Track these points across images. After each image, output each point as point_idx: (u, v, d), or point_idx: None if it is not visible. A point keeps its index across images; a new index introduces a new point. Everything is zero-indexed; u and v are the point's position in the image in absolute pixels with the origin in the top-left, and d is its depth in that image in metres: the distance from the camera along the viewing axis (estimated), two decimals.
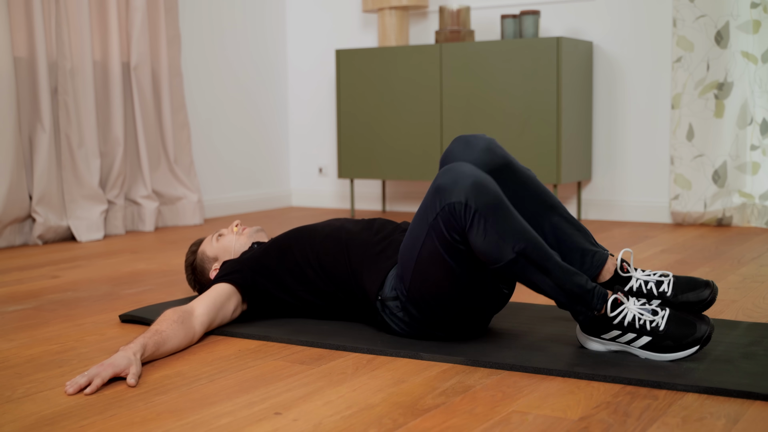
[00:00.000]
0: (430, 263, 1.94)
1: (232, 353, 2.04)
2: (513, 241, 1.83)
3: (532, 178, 2.06)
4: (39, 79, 3.93)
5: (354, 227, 2.24)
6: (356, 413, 1.62)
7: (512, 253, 1.83)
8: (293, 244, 2.24)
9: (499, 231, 1.83)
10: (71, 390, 1.75)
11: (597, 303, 1.88)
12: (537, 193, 2.05)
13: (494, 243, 1.83)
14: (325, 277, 2.19)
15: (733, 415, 1.57)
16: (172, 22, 4.57)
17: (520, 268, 1.85)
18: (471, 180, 1.85)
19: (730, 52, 4.10)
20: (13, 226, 3.89)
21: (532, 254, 1.84)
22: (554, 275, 1.85)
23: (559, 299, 1.89)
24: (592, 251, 2.04)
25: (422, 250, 1.93)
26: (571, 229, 2.05)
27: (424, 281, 1.96)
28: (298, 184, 5.57)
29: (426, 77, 4.53)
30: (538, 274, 1.85)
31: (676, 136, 4.25)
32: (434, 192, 1.89)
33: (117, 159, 4.29)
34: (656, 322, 1.87)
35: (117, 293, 2.81)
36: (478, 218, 1.83)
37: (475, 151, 2.02)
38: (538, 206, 2.05)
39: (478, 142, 2.03)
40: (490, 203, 1.83)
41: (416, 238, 1.94)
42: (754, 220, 4.17)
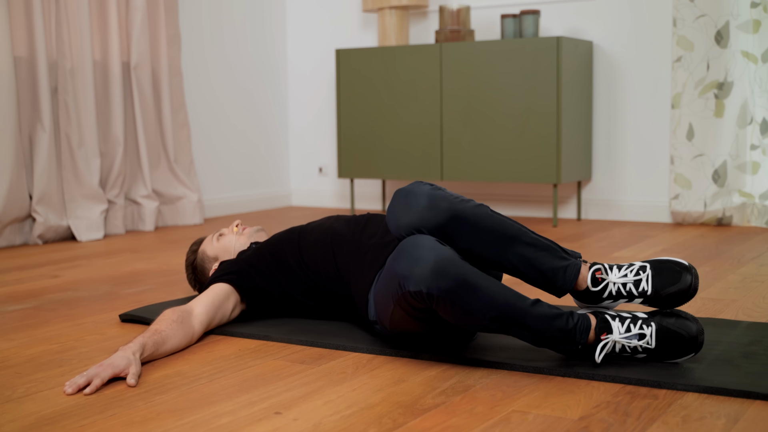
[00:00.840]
0: (403, 322, 1.92)
1: (232, 353, 2.04)
2: (483, 312, 1.80)
3: (484, 216, 1.94)
4: (39, 79, 3.93)
5: (342, 227, 2.22)
6: (356, 413, 1.62)
7: (485, 320, 1.81)
8: (284, 246, 2.24)
9: (467, 308, 1.79)
10: (70, 390, 1.74)
11: (581, 338, 1.85)
12: (492, 230, 1.94)
13: (464, 318, 1.81)
14: (316, 280, 2.19)
15: (733, 415, 1.57)
16: (172, 21, 4.57)
17: (496, 328, 1.84)
18: (429, 267, 1.77)
19: (730, 52, 4.10)
20: (13, 226, 3.89)
21: (506, 318, 1.81)
22: (533, 329, 1.83)
23: (544, 344, 1.87)
24: (563, 267, 1.95)
25: (393, 314, 1.90)
26: (536, 252, 1.95)
27: (402, 330, 1.96)
28: (298, 184, 5.57)
29: (426, 77, 4.53)
30: (516, 329, 1.83)
31: (676, 136, 4.25)
32: (393, 275, 1.83)
33: (117, 158, 4.29)
34: (645, 344, 1.84)
35: (117, 293, 2.80)
36: (443, 302, 1.78)
37: (416, 213, 1.89)
38: (497, 242, 1.94)
39: (418, 200, 1.90)
40: (452, 287, 1.77)
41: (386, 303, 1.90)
42: (754, 219, 4.17)
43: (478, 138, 4.40)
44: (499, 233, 1.94)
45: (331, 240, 2.19)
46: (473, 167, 4.42)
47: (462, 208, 1.92)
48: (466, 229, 1.91)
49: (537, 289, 2.72)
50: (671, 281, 1.90)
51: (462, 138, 4.44)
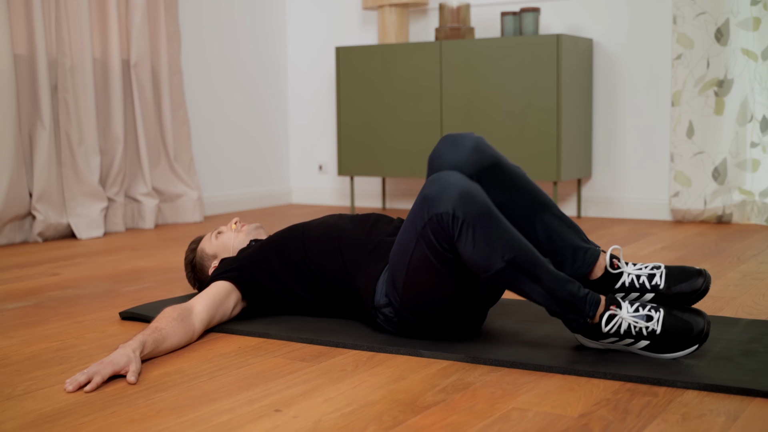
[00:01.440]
0: (421, 271, 1.92)
1: (232, 350, 2.04)
2: (502, 250, 1.81)
3: (522, 176, 2.02)
4: (39, 77, 3.93)
5: (347, 225, 2.23)
6: (356, 410, 1.62)
7: (502, 262, 1.81)
8: (288, 243, 2.24)
9: (488, 240, 1.81)
10: (71, 388, 1.75)
11: (590, 310, 1.85)
12: (528, 191, 2.01)
13: (483, 253, 1.82)
14: (320, 276, 2.19)
15: (733, 412, 1.57)
16: (172, 19, 4.57)
17: (510, 277, 1.83)
18: (458, 190, 1.82)
19: (730, 50, 4.10)
20: (13, 224, 3.89)
21: (522, 262, 1.82)
22: (545, 283, 1.83)
23: (551, 307, 1.87)
24: (584, 248, 2.01)
25: (412, 259, 1.91)
26: (563, 226, 2.02)
27: (417, 288, 1.95)
28: (298, 182, 5.57)
29: (426, 74, 4.53)
30: (528, 282, 1.84)
31: (676, 134, 4.25)
32: (421, 202, 1.87)
33: (117, 156, 4.29)
34: (651, 327, 1.85)
35: (117, 290, 2.81)
36: (466, 228, 1.81)
37: (463, 152, 1.97)
38: (529, 205, 2.01)
39: (466, 141, 1.98)
40: (478, 213, 1.81)
41: (406, 246, 1.93)
42: (754, 217, 4.17)
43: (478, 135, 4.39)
44: (533, 196, 2.00)
45: (338, 235, 2.19)
46: None
47: (505, 160, 2.01)
48: (504, 181, 1.97)
49: None
50: (683, 279, 1.95)
51: None
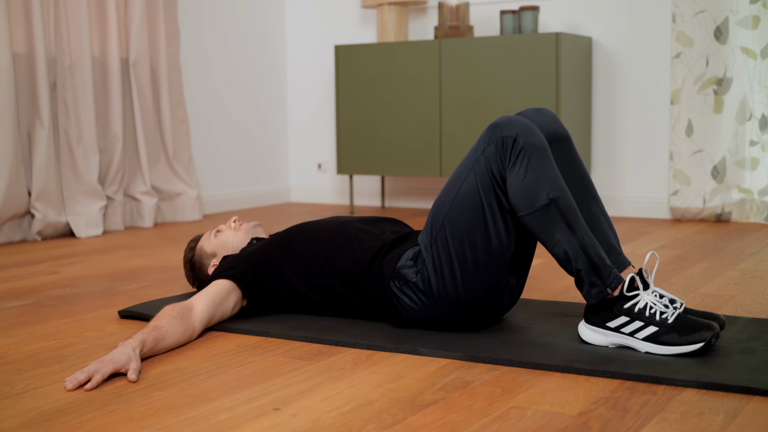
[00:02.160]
0: (466, 204, 1.97)
1: (231, 349, 2.04)
2: (549, 187, 1.89)
3: (582, 163, 2.10)
4: (38, 75, 3.93)
5: (360, 223, 2.27)
6: (355, 409, 1.62)
7: (546, 199, 1.88)
8: (296, 239, 2.25)
9: (539, 174, 1.89)
10: (71, 386, 1.75)
11: (612, 282, 1.89)
12: (584, 177, 2.08)
13: (531, 185, 1.89)
14: (329, 271, 2.19)
15: (732, 411, 1.57)
16: (171, 17, 4.56)
17: (549, 219, 1.88)
18: (524, 121, 1.93)
19: (729, 48, 4.10)
20: (12, 222, 3.88)
21: (564, 206, 1.89)
22: (579, 235, 1.89)
23: (577, 264, 1.89)
24: (618, 251, 2.05)
25: (462, 188, 1.98)
26: (605, 223, 2.07)
27: (455, 224, 1.98)
28: (297, 180, 5.57)
29: (425, 73, 4.52)
30: (564, 229, 1.88)
31: (675, 132, 4.25)
32: (487, 128, 1.97)
33: (116, 155, 4.28)
34: (667, 314, 1.87)
35: (116, 289, 2.81)
36: (522, 156, 1.90)
37: (543, 117, 2.08)
38: (582, 191, 2.07)
39: (547, 112, 2.10)
40: (537, 145, 1.91)
41: (457, 177, 2.00)
42: (753, 215, 4.17)
43: (478, 134, 4.40)
44: (586, 184, 2.06)
45: (353, 232, 2.21)
46: None
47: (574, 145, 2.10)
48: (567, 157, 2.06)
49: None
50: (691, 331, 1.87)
51: (461, 134, 4.44)
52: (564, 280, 2.82)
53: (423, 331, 2.12)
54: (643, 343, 1.89)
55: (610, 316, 1.91)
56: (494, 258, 1.99)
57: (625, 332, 1.90)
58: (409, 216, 4.67)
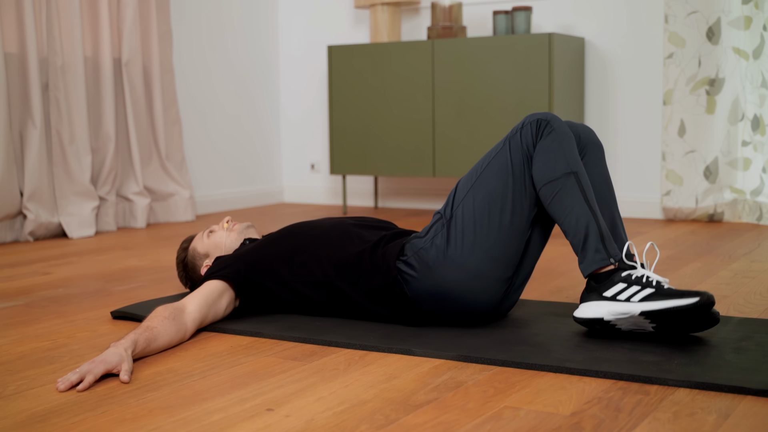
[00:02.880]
0: (496, 171, 2.09)
1: (224, 349, 2.04)
2: (571, 162, 2.05)
3: (608, 174, 2.21)
4: (30, 76, 3.92)
5: (356, 224, 2.30)
6: (348, 409, 1.62)
7: (567, 168, 2.04)
8: (291, 237, 2.27)
9: (564, 150, 2.05)
10: (63, 387, 1.74)
11: (616, 254, 1.99)
12: (606, 182, 2.19)
13: (555, 157, 2.04)
14: (326, 264, 2.19)
15: (724, 410, 1.58)
16: (164, 17, 4.56)
17: (567, 188, 2.02)
18: (553, 115, 2.11)
19: (721, 48, 4.11)
20: (3, 223, 3.87)
21: (582, 181, 2.04)
22: (593, 208, 2.02)
23: (587, 229, 1.99)
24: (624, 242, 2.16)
25: (493, 160, 2.11)
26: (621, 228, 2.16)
27: (482, 190, 2.09)
28: (290, 181, 5.57)
29: (418, 73, 4.53)
30: (579, 200, 2.02)
31: (667, 132, 4.26)
32: (524, 119, 2.14)
33: (108, 155, 4.27)
34: (663, 283, 1.95)
35: (108, 290, 2.80)
36: (552, 135, 2.07)
37: (578, 126, 2.22)
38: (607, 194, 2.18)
39: (582, 125, 2.25)
40: (566, 131, 2.09)
41: (489, 154, 2.14)
42: (745, 215, 4.18)
43: (470, 134, 4.40)
44: (611, 190, 2.20)
45: (352, 229, 2.26)
46: (465, 163, 4.42)
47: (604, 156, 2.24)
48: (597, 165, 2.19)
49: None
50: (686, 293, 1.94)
51: (454, 134, 4.44)
52: (557, 280, 2.82)
53: (416, 332, 2.12)
54: (639, 304, 1.93)
55: (607, 285, 1.97)
56: (509, 234, 2.07)
57: (621, 299, 1.95)
58: (402, 216, 4.67)
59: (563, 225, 2.04)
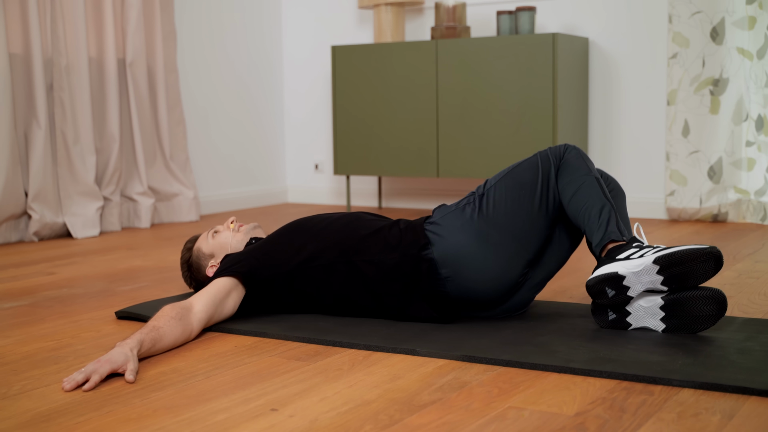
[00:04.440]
0: (526, 168, 2.22)
1: (229, 350, 2.04)
2: (593, 170, 2.20)
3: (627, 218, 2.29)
4: (34, 76, 3.92)
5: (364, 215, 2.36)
6: (352, 409, 1.62)
7: (590, 172, 2.18)
8: (303, 227, 2.30)
9: (586, 162, 2.21)
10: (68, 387, 1.74)
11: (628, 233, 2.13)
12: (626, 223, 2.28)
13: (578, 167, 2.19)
14: (341, 246, 2.22)
15: (728, 411, 1.58)
16: (168, 18, 4.56)
17: (588, 183, 2.15)
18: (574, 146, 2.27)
19: (725, 49, 4.11)
20: (8, 223, 3.88)
21: (601, 182, 2.17)
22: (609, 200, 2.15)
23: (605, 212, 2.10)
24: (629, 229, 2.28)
25: (523, 162, 2.24)
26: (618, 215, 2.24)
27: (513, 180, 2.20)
28: (294, 181, 5.57)
29: (422, 74, 4.53)
30: (598, 193, 2.14)
31: (671, 132, 4.26)
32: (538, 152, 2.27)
33: (113, 155, 4.28)
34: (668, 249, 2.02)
35: (113, 290, 2.80)
36: (576, 152, 2.23)
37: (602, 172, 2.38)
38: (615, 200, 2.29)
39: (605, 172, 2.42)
40: (585, 155, 2.24)
41: (517, 162, 2.27)
42: (749, 216, 4.17)
43: (474, 135, 4.40)
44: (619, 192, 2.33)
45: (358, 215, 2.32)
46: (469, 164, 4.42)
47: None
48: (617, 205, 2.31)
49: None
50: None
51: (458, 135, 4.44)
52: (561, 280, 2.82)
53: (420, 332, 2.12)
54: (653, 255, 1.99)
55: (619, 251, 2.06)
56: (533, 221, 2.17)
57: (634, 257, 2.02)
58: (406, 216, 4.67)
59: (580, 214, 2.14)
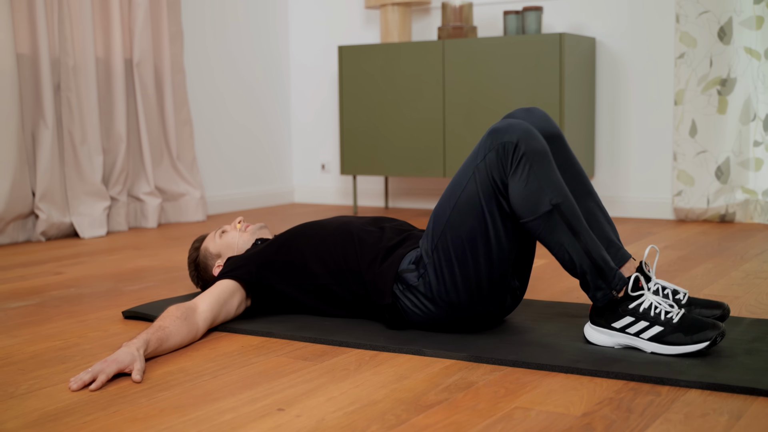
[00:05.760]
0: (466, 211, 1.97)
1: (235, 349, 2.04)
2: (551, 193, 1.88)
3: (576, 159, 2.11)
4: (42, 76, 3.93)
5: (358, 221, 2.26)
6: (359, 409, 1.62)
7: (549, 205, 1.87)
8: (299, 239, 2.25)
9: (540, 180, 1.88)
10: (75, 386, 1.75)
11: (617, 284, 1.89)
12: (579, 174, 2.09)
13: (533, 192, 1.89)
14: (333, 271, 2.19)
15: (736, 412, 1.57)
16: (175, 18, 4.57)
17: (552, 224, 1.88)
18: (524, 126, 1.93)
19: (733, 48, 4.10)
20: (16, 223, 3.89)
21: (566, 211, 1.89)
22: (583, 239, 1.89)
23: (582, 267, 1.89)
24: (618, 246, 2.06)
25: (462, 195, 1.97)
26: (602, 218, 2.08)
27: (456, 231, 1.98)
28: (300, 181, 5.57)
29: (429, 73, 4.53)
30: (567, 234, 1.88)
31: (679, 132, 4.25)
32: (487, 134, 1.95)
33: (120, 155, 4.29)
34: (671, 314, 1.88)
35: (120, 290, 2.81)
36: (524, 162, 1.89)
37: (534, 116, 2.09)
38: (578, 187, 2.08)
39: (538, 111, 2.11)
40: (538, 150, 1.91)
41: (457, 183, 1.99)
42: (757, 216, 4.16)
43: (481, 134, 4.40)
44: (582, 180, 2.07)
45: (356, 231, 2.21)
46: None
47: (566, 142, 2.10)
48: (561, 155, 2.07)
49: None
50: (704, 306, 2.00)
51: (465, 135, 4.44)
52: (567, 281, 2.82)
53: (427, 332, 2.12)
54: (649, 343, 1.89)
55: (615, 316, 1.91)
56: (496, 262, 1.99)
57: (630, 332, 1.90)
58: (413, 216, 4.67)
59: (557, 258, 1.94)
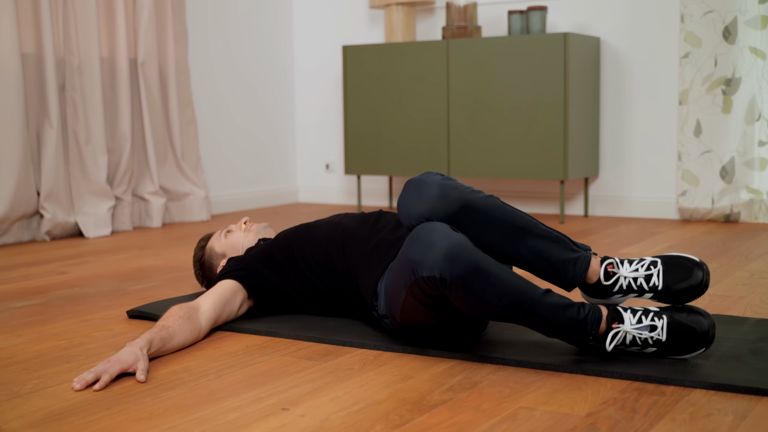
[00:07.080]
0: (414, 312, 1.92)
1: (240, 349, 2.05)
2: (495, 299, 1.79)
3: (495, 207, 1.94)
4: (46, 76, 3.94)
5: (352, 223, 2.23)
6: (363, 409, 1.62)
7: (497, 308, 1.80)
8: (293, 244, 2.25)
9: (479, 295, 1.78)
10: (78, 386, 1.75)
11: (592, 329, 1.84)
12: (503, 220, 1.94)
13: (476, 305, 1.80)
14: (323, 278, 2.20)
15: (740, 412, 1.57)
16: (179, 18, 4.57)
17: (508, 317, 1.83)
18: (443, 252, 1.76)
19: (737, 48, 4.09)
20: (21, 222, 3.90)
21: (517, 306, 1.80)
22: (544, 317, 1.82)
23: (555, 336, 1.86)
24: (574, 259, 1.95)
25: (405, 304, 1.90)
26: (546, 243, 1.95)
27: (413, 321, 1.95)
28: (304, 181, 5.57)
29: (433, 73, 4.52)
30: (527, 318, 1.83)
31: (683, 132, 4.24)
32: (405, 262, 1.83)
33: (124, 155, 4.29)
34: (656, 336, 1.84)
35: (124, 289, 2.81)
36: (456, 288, 1.78)
37: (426, 202, 1.90)
38: (508, 233, 1.94)
39: (429, 189, 1.90)
40: (465, 273, 1.76)
41: (398, 291, 1.91)
42: (761, 216, 4.16)
43: (485, 134, 4.40)
44: (509, 224, 1.93)
45: (341, 235, 2.20)
46: (480, 163, 4.42)
47: (473, 198, 1.92)
48: (476, 220, 1.91)
49: (547, 283, 2.72)
50: (682, 277, 1.89)
51: (469, 134, 4.44)
52: None
53: None
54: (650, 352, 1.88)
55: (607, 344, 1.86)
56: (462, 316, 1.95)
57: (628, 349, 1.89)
58: None
59: None
